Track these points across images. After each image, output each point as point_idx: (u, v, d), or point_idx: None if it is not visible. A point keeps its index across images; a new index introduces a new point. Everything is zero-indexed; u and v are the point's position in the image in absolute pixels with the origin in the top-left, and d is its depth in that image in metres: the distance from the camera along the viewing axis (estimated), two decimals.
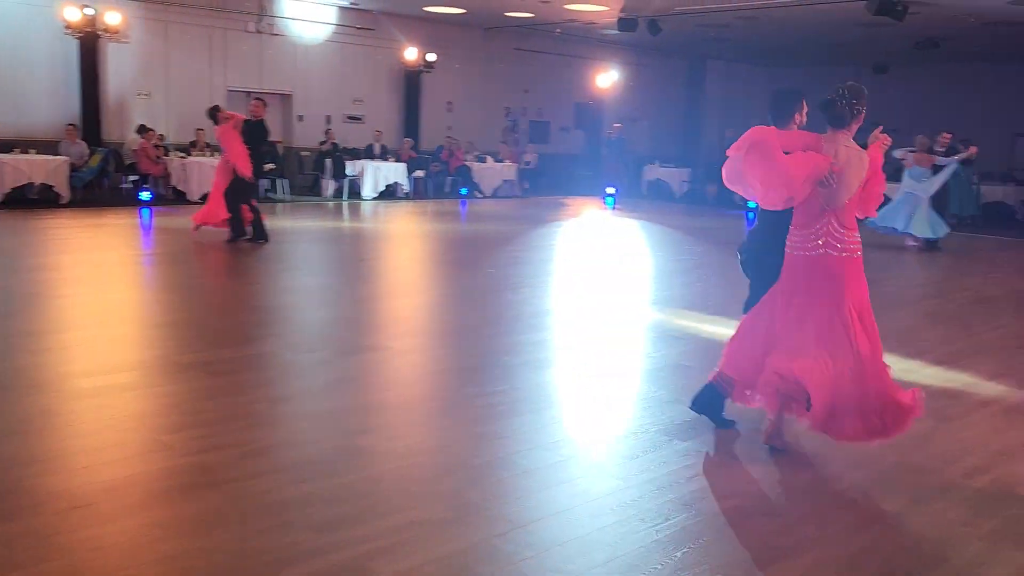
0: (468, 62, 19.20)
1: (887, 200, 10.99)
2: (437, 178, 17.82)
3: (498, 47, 19.58)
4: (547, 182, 19.94)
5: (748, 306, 4.33)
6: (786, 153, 3.88)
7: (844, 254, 3.93)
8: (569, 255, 10.94)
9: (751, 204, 13.26)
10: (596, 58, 20.98)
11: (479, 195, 17.81)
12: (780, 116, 4.23)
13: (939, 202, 11.87)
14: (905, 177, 11.91)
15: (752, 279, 4.42)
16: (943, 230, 11.68)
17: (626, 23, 15.84)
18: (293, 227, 11.95)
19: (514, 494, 3.53)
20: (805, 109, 4.26)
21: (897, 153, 11.75)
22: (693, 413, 4.39)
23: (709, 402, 4.35)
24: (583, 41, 20.36)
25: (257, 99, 10.45)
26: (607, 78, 20.57)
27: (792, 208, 3.98)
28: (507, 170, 18.59)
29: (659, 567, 2.96)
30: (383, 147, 17.14)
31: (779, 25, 16.55)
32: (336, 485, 3.51)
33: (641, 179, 21.01)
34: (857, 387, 3.83)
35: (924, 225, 11.53)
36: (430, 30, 18.17)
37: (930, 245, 11.65)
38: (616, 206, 17.27)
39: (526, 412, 4.56)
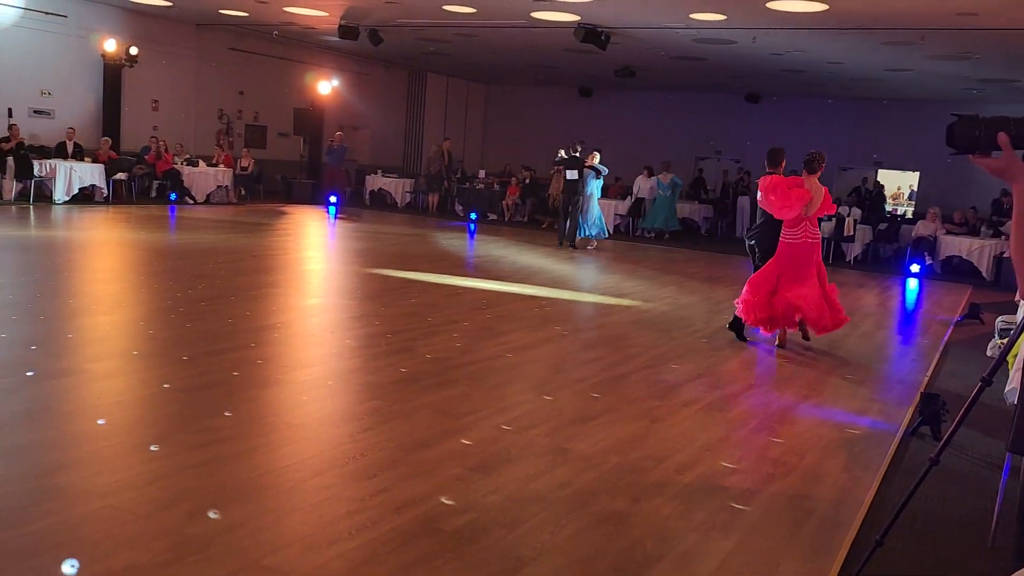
0: (177, 59, 17.96)
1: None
2: (142, 182, 16.46)
3: (211, 45, 18.53)
4: (265, 189, 19.17)
5: (755, 270, 7.47)
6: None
7: (811, 240, 7.20)
8: (293, 264, 10.55)
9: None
10: (316, 64, 20.54)
11: (190, 201, 16.70)
12: (775, 163, 7.48)
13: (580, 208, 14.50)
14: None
15: (760, 255, 7.48)
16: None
17: (347, 31, 15.66)
18: None
19: (246, 526, 3.27)
20: (784, 159, 7.55)
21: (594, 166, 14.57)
22: (428, 428, 4.37)
23: (737, 327, 7.52)
24: (303, 46, 19.85)
25: None
26: (328, 85, 20.21)
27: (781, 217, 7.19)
28: (222, 175, 17.61)
29: None
30: (77, 146, 15.49)
31: (495, 45, 17.23)
32: (29, 534, 3.04)
33: (364, 188, 20.92)
34: (823, 304, 7.14)
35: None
36: (134, 21, 16.77)
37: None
38: (339, 215, 16.99)
39: (253, 435, 4.27)
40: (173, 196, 16.28)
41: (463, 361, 6.11)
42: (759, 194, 7.33)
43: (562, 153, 14.97)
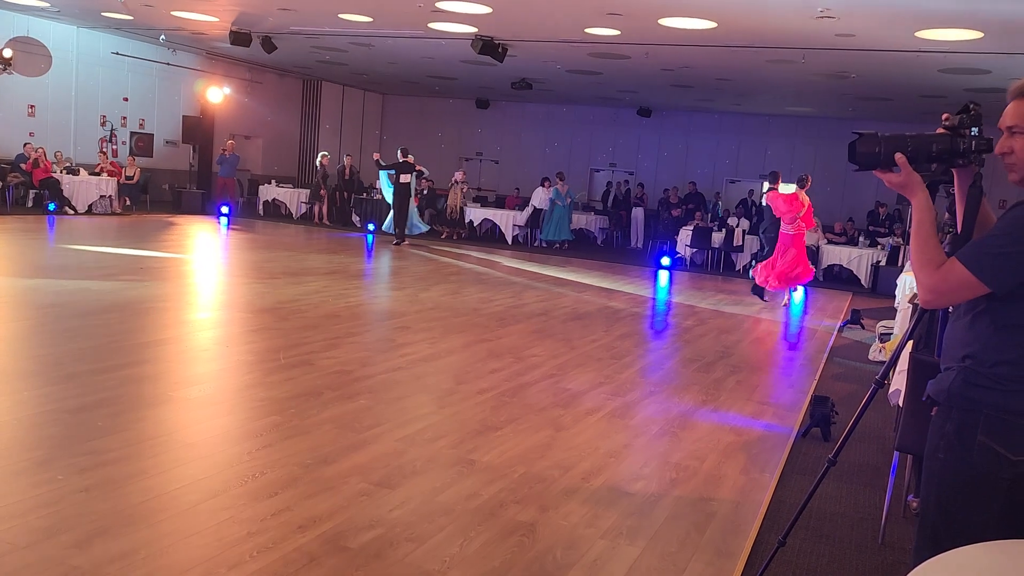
0: (56, 63, 17.09)
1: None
2: (17, 191, 15.57)
3: (94, 49, 17.73)
4: (152, 199, 18.44)
5: (764, 257, 11.69)
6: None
7: (797, 232, 11.00)
8: (183, 276, 10.15)
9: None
10: (207, 71, 19.94)
11: (71, 212, 15.90)
12: (773, 181, 11.97)
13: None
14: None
15: (768, 243, 11.78)
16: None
17: (239, 37, 15.26)
18: None
19: (139, 553, 3.10)
20: (781, 177, 12.05)
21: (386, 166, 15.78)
22: (330, 443, 4.26)
23: (758, 291, 11.59)
24: (192, 51, 19.23)
25: None
26: (219, 92, 19.63)
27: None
28: (105, 184, 16.84)
29: None
30: None
31: (392, 55, 17.11)
32: None
33: (257, 199, 20.41)
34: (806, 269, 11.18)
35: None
36: (10, 22, 15.88)
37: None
38: (231, 226, 16.49)
39: (144, 456, 4.07)
40: (52, 206, 15.48)
41: (364, 374, 6.00)
42: (765, 202, 11.96)
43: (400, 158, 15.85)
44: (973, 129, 2.27)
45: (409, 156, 15.85)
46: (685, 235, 16.78)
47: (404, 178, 15.66)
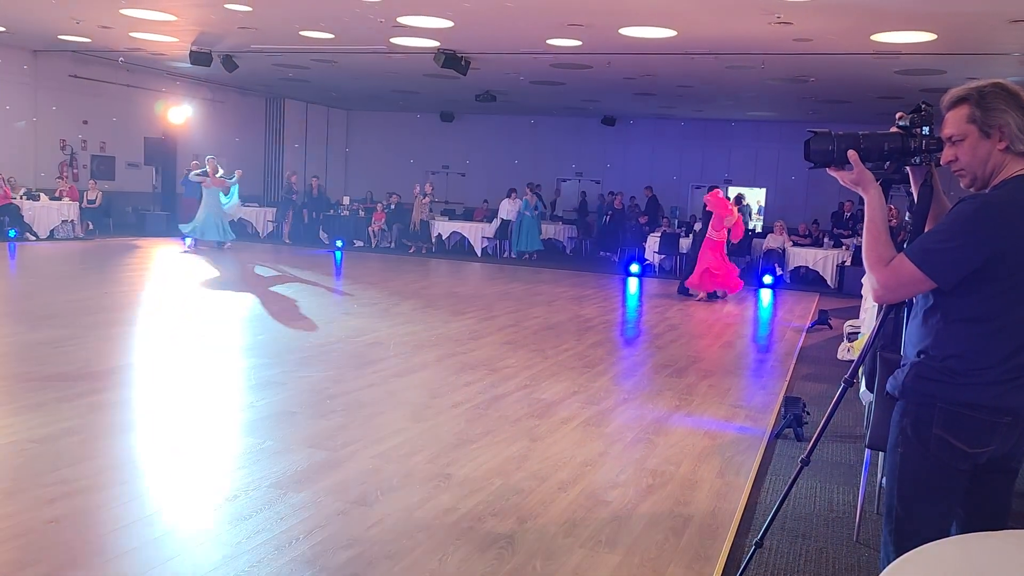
0: (13, 87, 16.85)
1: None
2: None
3: (50, 72, 17.50)
4: (116, 222, 18.20)
5: (689, 262, 12.85)
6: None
7: (719, 240, 11.95)
8: (149, 299, 10.02)
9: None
10: (167, 91, 19.75)
11: (32, 237, 15.65)
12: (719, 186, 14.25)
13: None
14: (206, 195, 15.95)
15: (696, 250, 12.50)
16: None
17: (199, 56, 15.13)
18: None
19: None
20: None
21: (193, 176, 16.27)
22: (305, 463, 4.23)
23: (684, 291, 12.46)
24: (152, 72, 19.05)
25: None
26: (180, 112, 19.45)
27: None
28: (66, 209, 16.61)
29: None
30: None
31: (354, 70, 17.08)
32: None
33: None
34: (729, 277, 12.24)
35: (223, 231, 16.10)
36: None
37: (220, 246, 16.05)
38: (196, 246, 16.32)
39: (114, 484, 4.00)
40: (12, 233, 15.22)
41: (337, 391, 5.96)
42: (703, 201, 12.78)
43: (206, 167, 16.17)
44: (924, 128, 2.32)
45: (209, 161, 16.12)
46: (653, 242, 16.89)
47: (206, 183, 16.01)
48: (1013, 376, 2.16)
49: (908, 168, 2.38)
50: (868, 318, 8.07)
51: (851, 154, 2.28)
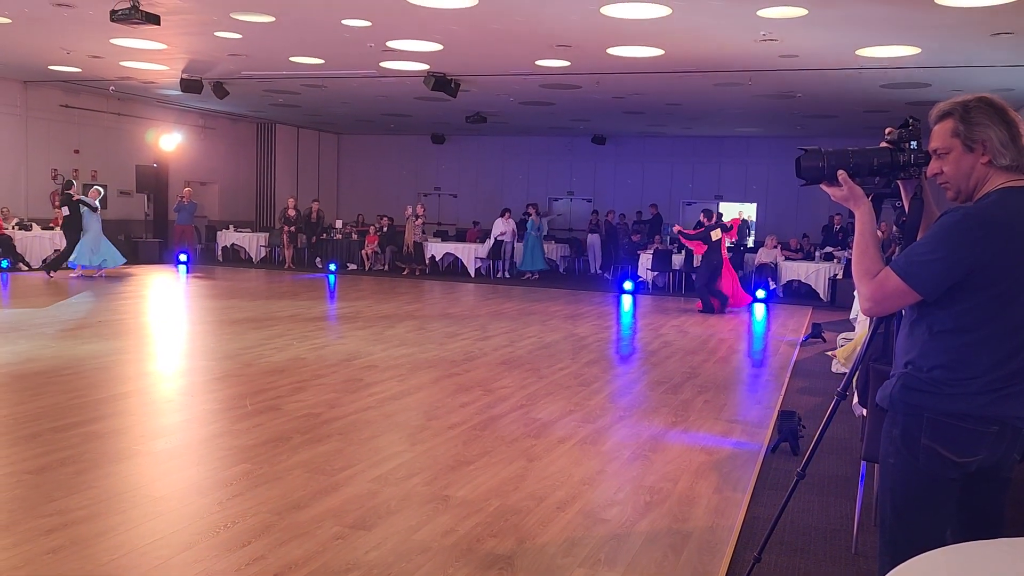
0: (3, 118, 16.91)
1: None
2: None
3: (41, 103, 17.56)
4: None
5: (707, 282, 13.21)
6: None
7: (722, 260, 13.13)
8: (143, 327, 10.01)
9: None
10: (159, 119, 19.83)
11: (25, 268, 15.64)
12: (708, 216, 13.43)
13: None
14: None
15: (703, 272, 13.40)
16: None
17: (189, 84, 15.22)
18: None
19: None
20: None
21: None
22: (302, 488, 4.22)
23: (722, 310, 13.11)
24: (143, 100, 19.12)
25: None
26: (171, 140, 19.51)
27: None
28: (59, 238, 16.58)
29: None
30: None
31: (345, 95, 17.17)
32: None
33: (216, 244, 20.25)
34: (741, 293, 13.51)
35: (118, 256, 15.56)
36: None
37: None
38: (190, 273, 16.32)
39: (112, 513, 3.99)
40: (5, 263, 15.21)
41: (333, 415, 5.96)
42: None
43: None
44: (912, 143, 2.37)
45: (72, 188, 15.48)
46: (646, 259, 16.94)
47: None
48: (999, 386, 2.19)
49: (899, 181, 2.42)
50: (859, 328, 8.11)
51: (840, 174, 2.33)
